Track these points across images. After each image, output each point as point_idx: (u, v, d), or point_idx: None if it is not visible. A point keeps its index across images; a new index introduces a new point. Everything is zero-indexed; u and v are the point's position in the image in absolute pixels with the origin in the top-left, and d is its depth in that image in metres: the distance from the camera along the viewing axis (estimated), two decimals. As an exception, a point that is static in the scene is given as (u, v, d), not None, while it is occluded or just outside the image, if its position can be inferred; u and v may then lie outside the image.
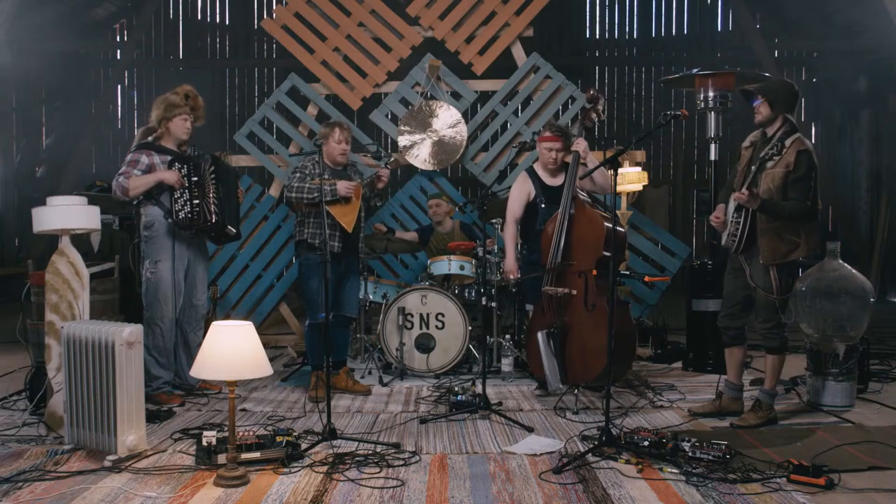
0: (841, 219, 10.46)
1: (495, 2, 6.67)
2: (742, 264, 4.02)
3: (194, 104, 4.55)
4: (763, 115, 3.95)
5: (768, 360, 4.05)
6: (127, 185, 4.36)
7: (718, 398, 4.21)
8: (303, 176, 4.60)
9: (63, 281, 3.85)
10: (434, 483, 3.17)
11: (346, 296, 4.81)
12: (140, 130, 4.69)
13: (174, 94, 4.53)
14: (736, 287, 4.11)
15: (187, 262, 4.59)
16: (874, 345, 5.49)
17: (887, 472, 3.27)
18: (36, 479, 3.21)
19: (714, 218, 4.08)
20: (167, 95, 4.54)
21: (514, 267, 4.86)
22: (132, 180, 4.37)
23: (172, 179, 4.38)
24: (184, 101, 4.50)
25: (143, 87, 12.11)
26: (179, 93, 4.52)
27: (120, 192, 4.38)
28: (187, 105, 4.51)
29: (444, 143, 6.47)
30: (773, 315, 3.96)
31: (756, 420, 3.98)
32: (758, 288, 3.93)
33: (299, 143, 6.66)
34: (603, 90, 12.08)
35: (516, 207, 4.87)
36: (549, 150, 4.76)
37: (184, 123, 4.52)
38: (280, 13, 6.83)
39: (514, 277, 4.86)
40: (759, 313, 4.01)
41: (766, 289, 3.91)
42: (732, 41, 11.63)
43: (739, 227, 3.89)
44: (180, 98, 4.50)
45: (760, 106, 3.94)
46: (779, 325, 3.98)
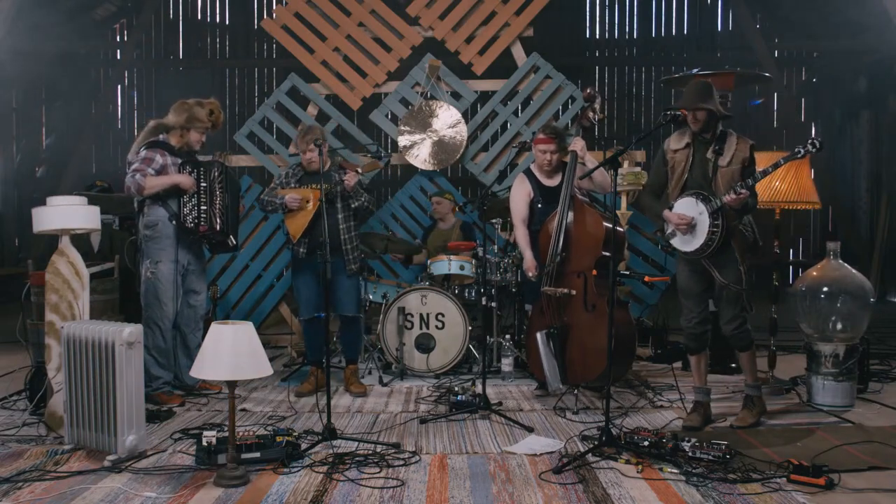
0: (841, 219, 10.46)
1: (495, 2, 6.66)
2: (707, 267, 3.94)
3: (216, 121, 4.58)
4: (702, 120, 3.86)
5: (744, 358, 4.07)
6: (144, 183, 4.34)
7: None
8: (275, 186, 4.89)
9: (63, 281, 3.85)
10: (434, 483, 3.18)
11: (336, 295, 4.81)
12: (150, 126, 4.64)
13: (200, 105, 4.52)
14: (700, 291, 4.03)
15: (186, 263, 4.60)
16: (874, 345, 5.48)
17: (887, 472, 3.27)
18: (36, 479, 3.22)
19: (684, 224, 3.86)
20: (194, 107, 4.52)
21: (534, 264, 4.74)
22: (149, 179, 4.35)
23: (188, 184, 4.39)
24: (208, 117, 4.52)
25: (143, 87, 12.12)
26: (205, 107, 4.52)
27: (135, 189, 4.36)
28: (210, 122, 4.54)
29: (444, 143, 6.47)
30: (740, 312, 3.96)
31: (754, 417, 4.00)
32: (731, 285, 3.89)
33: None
34: (603, 90, 12.16)
35: (521, 208, 4.84)
36: (543, 152, 4.77)
37: (200, 137, 4.58)
38: (280, 13, 6.82)
39: (535, 273, 4.69)
40: (726, 313, 3.96)
41: (738, 283, 3.90)
42: (732, 41, 11.62)
43: (719, 230, 3.79)
44: (206, 114, 4.51)
45: (698, 113, 3.84)
46: (745, 322, 3.98)
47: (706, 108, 3.83)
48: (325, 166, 4.85)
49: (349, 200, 4.83)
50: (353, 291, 4.95)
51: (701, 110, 3.83)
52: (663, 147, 4.08)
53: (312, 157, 4.76)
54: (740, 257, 3.88)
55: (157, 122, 4.62)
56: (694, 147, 3.94)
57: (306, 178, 4.90)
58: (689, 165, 3.94)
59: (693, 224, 3.85)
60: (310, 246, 4.81)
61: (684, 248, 3.93)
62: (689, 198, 3.87)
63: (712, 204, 3.79)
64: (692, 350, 4.14)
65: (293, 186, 4.87)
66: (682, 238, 3.92)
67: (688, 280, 4.06)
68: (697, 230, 3.84)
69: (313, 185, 4.82)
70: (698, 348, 4.11)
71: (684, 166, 3.95)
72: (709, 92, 3.85)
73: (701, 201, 3.82)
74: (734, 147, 3.87)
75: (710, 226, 3.79)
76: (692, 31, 12.16)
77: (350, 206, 4.84)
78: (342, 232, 4.75)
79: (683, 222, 3.86)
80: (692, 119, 3.88)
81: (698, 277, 4.02)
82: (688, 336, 4.12)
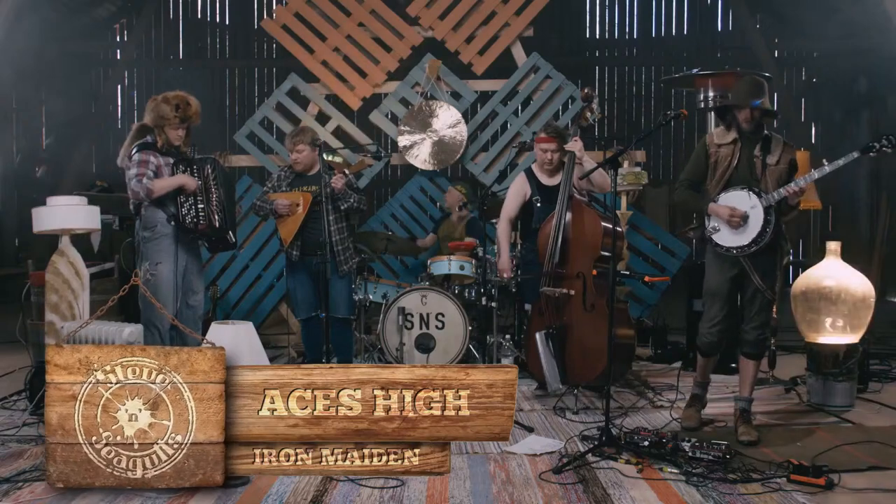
0: (841, 219, 10.46)
1: (495, 2, 6.66)
2: (747, 267, 3.80)
3: (184, 114, 4.38)
4: (756, 119, 3.78)
5: (751, 367, 3.87)
6: (152, 186, 4.25)
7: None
8: (267, 190, 4.98)
9: (63, 281, 3.85)
10: (434, 483, 3.17)
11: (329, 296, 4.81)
12: (135, 128, 4.59)
13: (165, 101, 4.35)
14: (728, 293, 3.88)
15: (185, 263, 4.59)
16: (874, 345, 5.48)
17: (887, 472, 3.27)
18: (36, 479, 3.21)
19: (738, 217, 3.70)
20: (159, 104, 4.37)
21: (508, 266, 4.86)
22: (155, 182, 4.30)
23: (192, 185, 4.36)
24: (174, 112, 4.34)
25: (143, 87, 12.09)
26: (171, 101, 4.35)
27: (144, 194, 4.26)
28: (177, 117, 4.35)
29: (444, 143, 6.47)
30: (769, 317, 3.88)
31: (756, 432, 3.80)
32: (767, 290, 3.79)
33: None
34: (603, 90, 12.17)
35: (511, 207, 4.89)
36: (545, 151, 4.78)
37: (175, 132, 4.40)
38: (280, 13, 6.82)
39: (508, 276, 4.87)
40: (757, 317, 3.82)
41: (772, 289, 3.81)
42: (732, 41, 11.63)
43: (770, 227, 3.67)
44: (171, 109, 4.33)
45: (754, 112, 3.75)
46: (768, 330, 3.91)
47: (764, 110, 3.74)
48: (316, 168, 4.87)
49: (338, 202, 4.83)
50: (345, 293, 4.96)
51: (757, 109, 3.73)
52: (705, 140, 3.93)
53: (298, 157, 4.87)
54: (779, 262, 3.81)
55: (141, 123, 4.56)
56: (742, 143, 3.81)
57: (298, 181, 4.94)
58: (736, 161, 3.81)
59: (746, 217, 3.72)
60: (303, 248, 4.85)
61: (731, 244, 3.75)
62: (740, 191, 3.74)
63: (768, 198, 3.67)
64: (703, 354, 4.01)
65: (284, 190, 4.92)
66: (729, 233, 3.75)
67: (717, 281, 3.87)
68: (749, 224, 3.70)
69: (304, 188, 4.85)
70: (709, 353, 3.99)
71: (730, 161, 3.81)
72: (763, 89, 3.76)
73: (754, 194, 3.70)
74: (781, 147, 3.80)
75: (764, 221, 3.67)
76: (692, 31, 12.16)
77: (340, 208, 4.85)
78: (332, 234, 4.75)
79: (737, 215, 3.70)
80: (746, 117, 3.76)
81: (731, 279, 3.84)
82: (703, 341, 3.97)
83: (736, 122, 3.82)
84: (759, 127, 3.82)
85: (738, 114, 3.79)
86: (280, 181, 4.98)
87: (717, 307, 3.89)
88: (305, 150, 4.89)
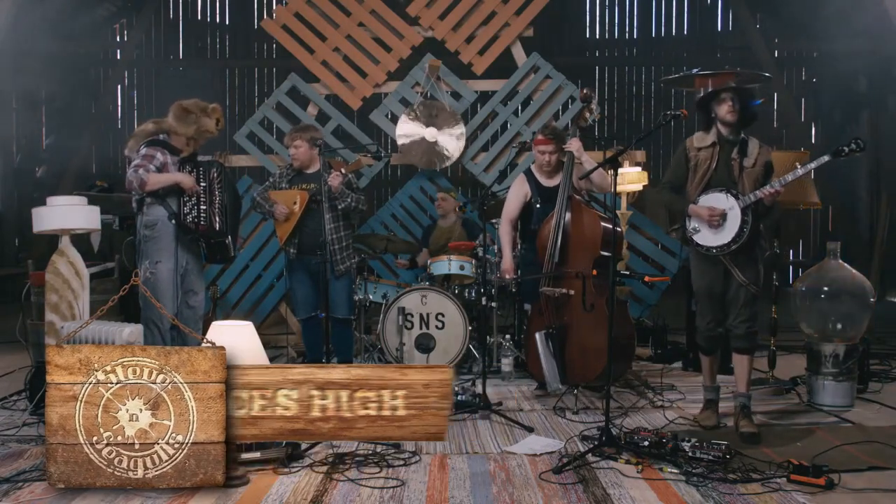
0: (841, 219, 10.46)
1: (495, 2, 6.67)
2: (728, 265, 3.90)
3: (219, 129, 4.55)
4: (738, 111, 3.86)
5: (745, 362, 3.93)
6: (147, 178, 4.28)
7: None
8: (268, 186, 5.04)
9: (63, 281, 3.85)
10: (434, 483, 3.18)
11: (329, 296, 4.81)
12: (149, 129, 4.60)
13: (206, 115, 4.43)
14: (717, 291, 3.97)
15: (185, 263, 4.59)
16: (874, 345, 5.49)
17: (887, 472, 3.27)
18: (36, 479, 3.21)
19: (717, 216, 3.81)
20: (201, 118, 4.43)
21: (511, 267, 4.88)
22: (151, 176, 4.32)
23: (189, 184, 4.37)
24: (215, 126, 4.48)
25: (143, 87, 12.10)
26: (212, 117, 4.45)
27: (137, 184, 4.30)
28: (218, 130, 4.51)
29: (444, 143, 6.47)
30: (755, 312, 3.93)
31: (756, 427, 3.85)
32: (750, 285, 3.87)
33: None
34: (603, 90, 12.17)
35: (512, 209, 4.91)
36: (542, 152, 4.79)
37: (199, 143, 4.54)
38: (280, 13, 6.82)
39: (511, 277, 4.88)
40: (742, 313, 3.90)
41: (756, 284, 3.89)
42: (732, 41, 11.62)
43: (748, 226, 3.76)
44: (213, 124, 4.46)
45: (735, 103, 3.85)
46: (756, 323, 3.95)
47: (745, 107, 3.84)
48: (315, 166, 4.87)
49: (335, 202, 4.83)
50: (343, 293, 4.96)
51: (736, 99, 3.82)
52: (685, 145, 4.03)
53: (295, 153, 4.91)
54: (759, 257, 3.89)
55: (157, 125, 4.57)
56: (720, 146, 3.91)
57: (297, 179, 4.97)
58: (714, 164, 3.90)
59: (724, 216, 3.81)
60: (300, 247, 4.87)
61: (711, 243, 3.85)
62: (718, 193, 3.84)
63: (744, 199, 3.77)
64: (706, 351, 4.09)
65: (284, 187, 4.94)
66: (709, 233, 3.85)
67: (705, 280, 3.98)
68: (727, 224, 3.80)
69: (303, 186, 4.86)
70: (712, 350, 4.07)
71: (709, 164, 3.91)
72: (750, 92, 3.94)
73: (731, 196, 3.80)
74: (757, 150, 3.89)
75: (741, 221, 3.76)
76: (692, 31, 12.15)
77: (337, 208, 4.85)
78: (329, 233, 4.75)
79: (716, 214, 3.80)
80: (729, 109, 3.84)
81: (716, 277, 3.95)
82: (703, 338, 4.06)
83: (716, 118, 3.91)
84: (738, 130, 3.91)
85: (717, 107, 3.88)
86: (281, 178, 5.03)
87: (707, 304, 4.01)
88: (303, 147, 4.91)
